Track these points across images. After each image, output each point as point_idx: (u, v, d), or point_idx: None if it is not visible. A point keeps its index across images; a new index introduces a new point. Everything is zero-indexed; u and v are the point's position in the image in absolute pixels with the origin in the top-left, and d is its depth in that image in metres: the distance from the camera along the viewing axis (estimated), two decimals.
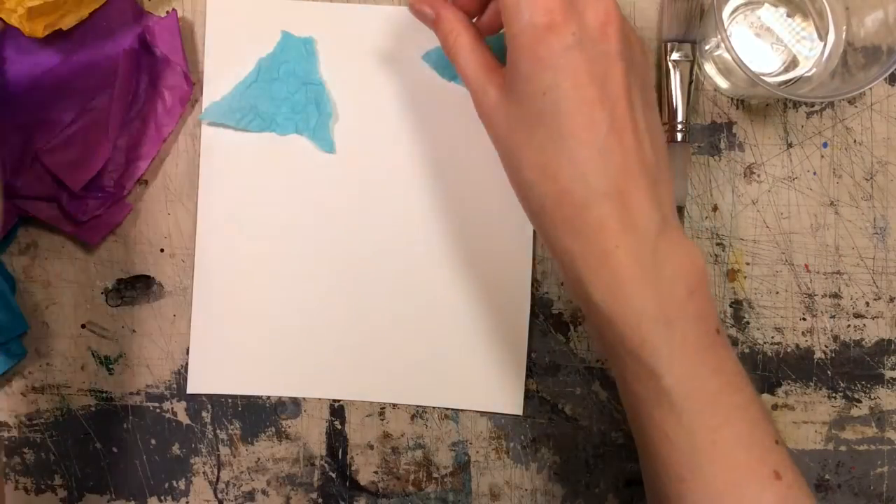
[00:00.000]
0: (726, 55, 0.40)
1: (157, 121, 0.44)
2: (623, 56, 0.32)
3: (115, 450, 0.45)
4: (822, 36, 0.43)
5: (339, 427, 0.45)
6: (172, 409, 0.45)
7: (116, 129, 0.43)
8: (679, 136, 0.44)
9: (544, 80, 0.32)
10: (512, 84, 0.33)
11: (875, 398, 0.45)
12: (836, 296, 0.45)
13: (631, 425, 0.35)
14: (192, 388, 0.45)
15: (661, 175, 0.33)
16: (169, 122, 0.44)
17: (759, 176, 0.45)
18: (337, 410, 0.45)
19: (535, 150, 0.32)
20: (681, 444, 0.32)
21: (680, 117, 0.44)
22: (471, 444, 0.45)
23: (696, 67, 0.44)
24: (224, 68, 0.44)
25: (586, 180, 0.31)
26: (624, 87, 0.32)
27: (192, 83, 0.44)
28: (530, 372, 0.45)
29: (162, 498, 0.45)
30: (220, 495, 0.45)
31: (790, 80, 0.44)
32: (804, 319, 0.45)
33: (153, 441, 0.45)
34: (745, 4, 0.44)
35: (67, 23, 0.42)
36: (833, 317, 0.45)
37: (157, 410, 0.45)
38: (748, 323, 0.45)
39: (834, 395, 0.45)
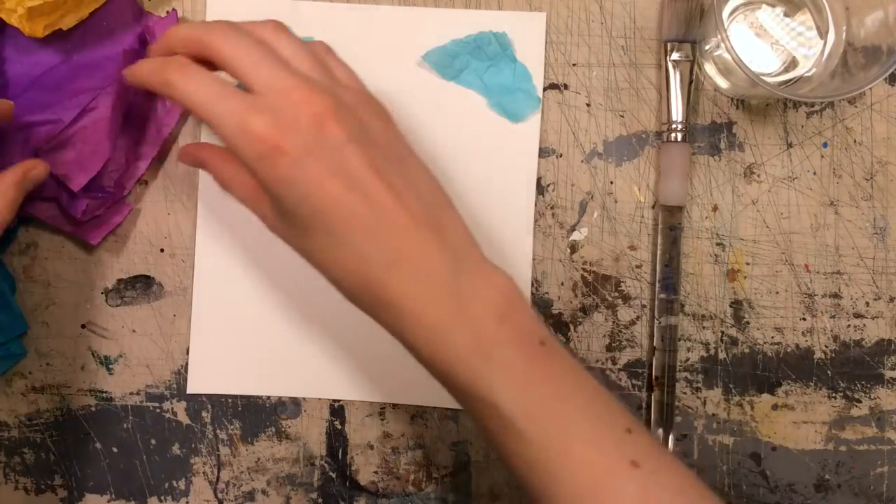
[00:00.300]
0: (726, 55, 0.40)
1: (157, 121, 0.44)
2: (352, 138, 0.33)
3: (115, 450, 0.45)
4: (822, 36, 0.43)
5: (339, 427, 0.45)
6: (172, 409, 0.45)
7: (117, 129, 0.43)
8: (679, 136, 0.44)
9: (294, 196, 0.33)
10: (276, 202, 0.34)
11: (875, 398, 0.45)
12: (836, 296, 0.45)
13: (491, 442, 0.35)
14: (192, 388, 0.45)
15: (442, 216, 0.34)
16: (169, 121, 0.44)
17: (759, 176, 0.45)
18: (337, 410, 0.45)
19: (323, 252, 0.34)
20: (539, 464, 0.32)
21: (680, 117, 0.44)
22: (471, 444, 0.45)
23: (696, 67, 0.44)
24: None
25: (370, 262, 0.33)
26: (365, 165, 0.33)
27: None
28: None
29: (162, 498, 0.45)
30: (220, 495, 0.45)
31: (790, 80, 0.44)
32: (804, 319, 0.45)
33: (153, 441, 0.45)
34: (745, 4, 0.44)
35: (67, 23, 0.42)
36: (833, 317, 0.45)
37: (157, 410, 0.45)
38: (748, 323, 0.45)
39: (834, 395, 0.45)
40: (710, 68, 0.44)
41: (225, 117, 0.33)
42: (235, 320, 0.45)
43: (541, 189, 0.45)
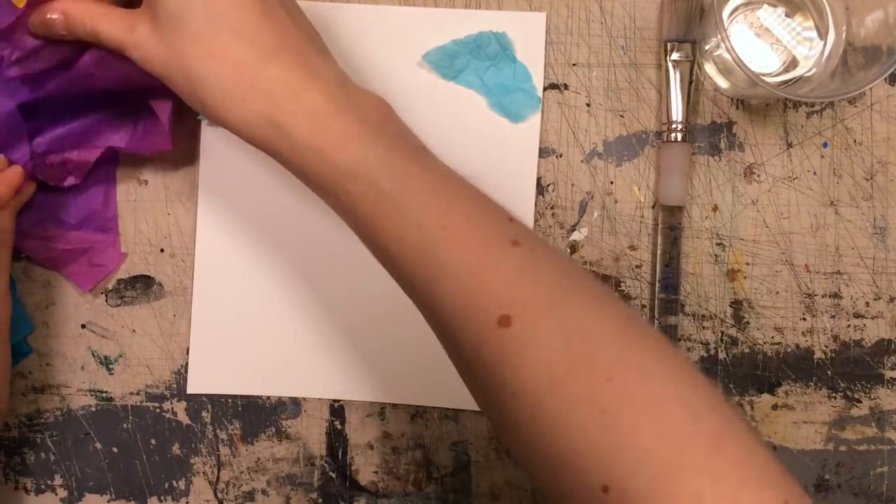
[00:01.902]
0: (726, 55, 0.40)
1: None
2: None
3: (115, 450, 0.45)
4: (822, 36, 0.43)
5: (339, 427, 0.45)
6: (172, 409, 0.45)
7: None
8: (679, 136, 0.44)
9: None
10: (152, 3, 0.35)
11: (875, 398, 0.45)
12: (836, 296, 0.45)
13: (374, 252, 0.35)
14: (192, 388, 0.45)
15: (319, 44, 0.36)
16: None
17: (759, 176, 0.45)
18: (337, 410, 0.45)
19: (196, 43, 0.34)
20: (413, 241, 0.32)
21: (680, 117, 0.44)
22: (471, 444, 0.45)
23: (696, 67, 0.44)
24: None
25: (255, 44, 0.34)
26: None
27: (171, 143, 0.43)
28: None
29: (162, 498, 0.45)
30: (220, 495, 0.45)
31: (790, 80, 0.44)
32: (804, 319, 0.45)
33: (153, 441, 0.45)
34: (745, 4, 0.44)
35: None
36: (833, 317, 0.45)
37: (157, 410, 0.45)
38: (748, 323, 0.45)
39: (834, 395, 0.45)
40: (710, 68, 0.44)
41: None
42: (235, 320, 0.45)
43: (541, 189, 0.45)
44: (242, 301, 0.45)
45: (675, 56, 0.44)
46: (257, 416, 0.45)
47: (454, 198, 0.33)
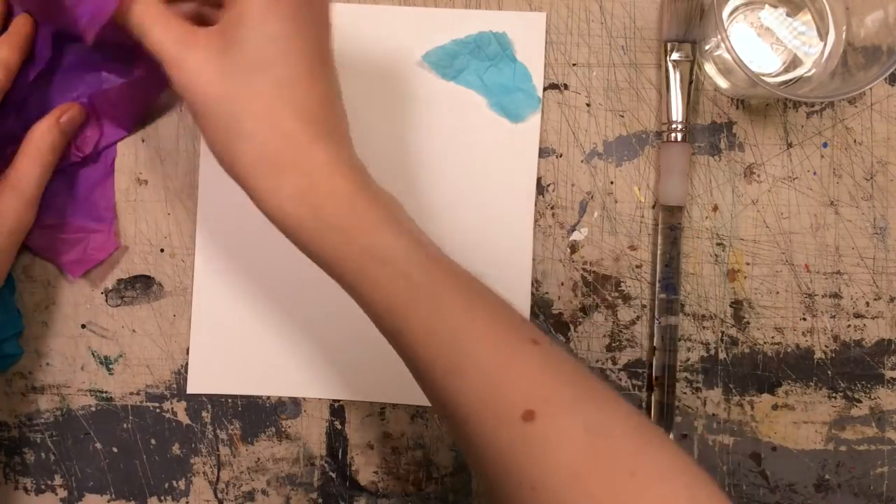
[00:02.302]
0: (726, 55, 0.40)
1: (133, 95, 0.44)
2: (330, 22, 0.35)
3: (115, 450, 0.45)
4: (823, 36, 0.43)
5: (339, 427, 0.45)
6: (172, 409, 0.45)
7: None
8: (679, 136, 0.44)
9: (276, 29, 0.33)
10: (234, 36, 0.34)
11: (875, 398, 0.45)
12: (836, 296, 0.45)
13: (391, 339, 0.35)
14: (192, 388, 0.45)
15: (349, 136, 0.36)
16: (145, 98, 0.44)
17: (759, 176, 0.45)
18: (337, 410, 0.45)
19: (257, 97, 0.33)
20: (440, 332, 0.32)
21: (680, 117, 0.44)
22: None
23: (696, 67, 0.44)
24: None
25: (311, 125, 0.33)
26: (329, 48, 0.35)
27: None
28: None
29: (162, 498, 0.45)
30: (220, 495, 0.45)
31: (790, 80, 0.44)
32: (804, 319, 0.45)
33: (153, 441, 0.45)
34: (745, 4, 0.44)
35: None
36: (833, 317, 0.45)
37: (157, 410, 0.45)
38: (748, 323, 0.45)
39: (834, 395, 0.45)
40: (710, 68, 0.44)
41: None
42: (235, 320, 0.45)
43: (541, 189, 0.45)
44: (242, 301, 0.45)
45: (675, 56, 0.44)
46: (257, 416, 0.45)
47: (476, 294, 0.34)
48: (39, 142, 0.41)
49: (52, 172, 0.42)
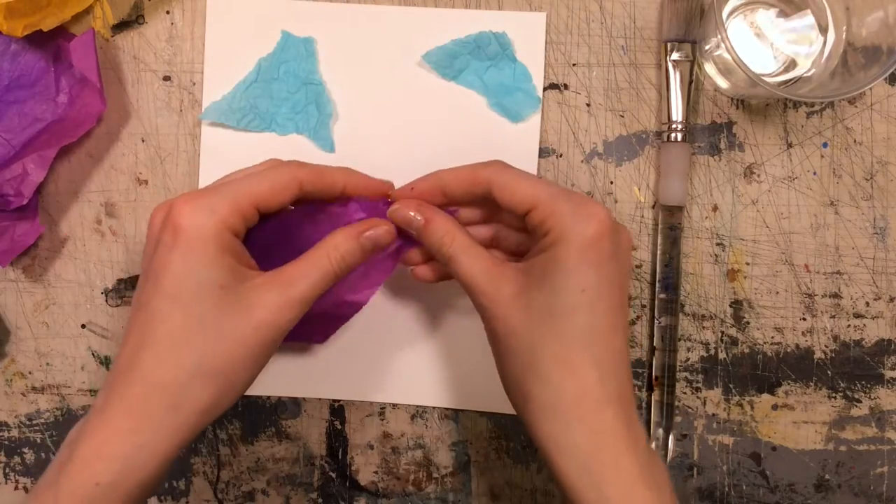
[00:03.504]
0: (726, 55, 0.40)
1: (62, 133, 0.43)
2: (629, 275, 0.36)
3: None
4: (822, 36, 0.43)
5: (339, 427, 0.45)
6: None
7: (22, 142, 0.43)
8: (679, 136, 0.44)
9: (588, 279, 0.33)
10: (543, 278, 0.34)
11: (875, 398, 0.45)
12: (836, 296, 0.45)
13: None
14: None
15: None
16: (74, 133, 0.43)
17: (759, 176, 0.45)
18: (337, 410, 0.45)
19: (556, 343, 0.34)
20: None
21: (680, 117, 0.44)
22: (471, 444, 0.45)
23: (696, 67, 0.44)
24: (224, 68, 0.44)
25: (605, 380, 0.33)
26: (627, 298, 0.36)
27: (105, 101, 0.44)
28: None
29: (162, 498, 0.45)
30: (220, 495, 0.45)
31: (790, 80, 0.44)
32: (804, 319, 0.45)
33: None
34: (745, 4, 0.44)
35: (48, 24, 0.41)
36: (833, 317, 0.45)
37: None
38: (748, 323, 0.45)
39: (834, 395, 0.45)
40: (710, 68, 0.44)
41: (560, 195, 0.35)
42: None
43: None
44: None
45: (675, 56, 0.44)
46: (257, 416, 0.45)
47: None
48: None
49: None
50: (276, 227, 0.38)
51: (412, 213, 0.37)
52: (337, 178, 0.37)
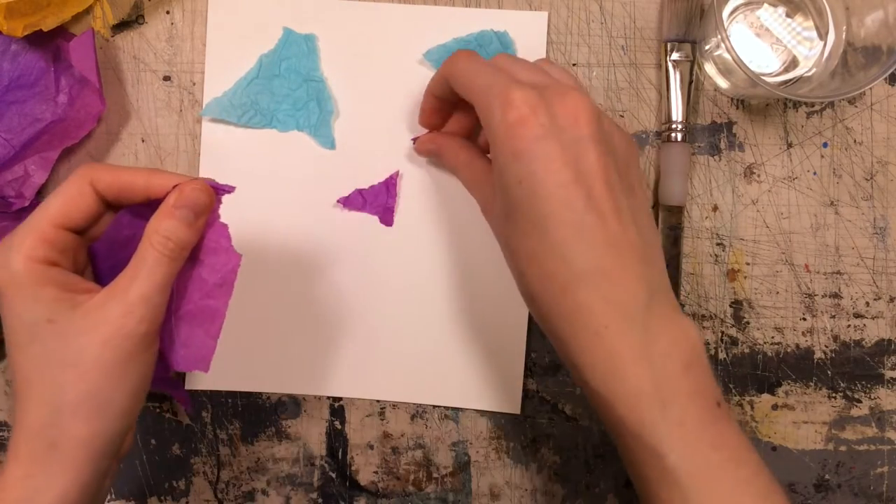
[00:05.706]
0: (726, 55, 0.40)
1: (64, 134, 0.43)
2: (596, 139, 0.33)
3: None
4: (822, 36, 0.43)
5: (339, 427, 0.45)
6: (172, 408, 0.45)
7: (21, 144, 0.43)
8: (679, 136, 0.44)
9: (519, 170, 0.33)
10: (497, 180, 0.34)
11: (875, 398, 0.45)
12: (836, 296, 0.45)
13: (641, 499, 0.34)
14: (190, 384, 0.45)
15: (651, 256, 0.33)
16: (75, 135, 0.43)
17: (759, 176, 0.45)
18: (337, 410, 0.45)
19: (521, 238, 0.33)
20: None
21: (680, 117, 0.44)
22: (471, 444, 0.45)
23: (696, 67, 0.44)
24: (225, 64, 0.44)
25: (566, 261, 0.32)
26: (599, 167, 0.32)
27: (105, 101, 0.44)
28: (530, 372, 0.45)
29: (162, 498, 0.45)
30: (220, 495, 0.45)
31: (790, 80, 0.44)
32: (804, 319, 0.45)
33: (153, 441, 0.45)
34: (745, 4, 0.44)
35: (48, 24, 0.41)
36: (833, 317, 0.45)
37: (157, 410, 0.45)
38: (748, 323, 0.45)
39: (834, 395, 0.45)
40: (710, 68, 0.44)
41: (491, 86, 0.34)
42: (236, 318, 0.45)
43: None
44: (243, 299, 0.45)
45: (675, 56, 0.44)
46: (257, 415, 0.45)
47: (737, 486, 0.31)
48: None
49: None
50: (112, 237, 0.36)
51: (429, 146, 0.42)
52: (137, 177, 0.35)
